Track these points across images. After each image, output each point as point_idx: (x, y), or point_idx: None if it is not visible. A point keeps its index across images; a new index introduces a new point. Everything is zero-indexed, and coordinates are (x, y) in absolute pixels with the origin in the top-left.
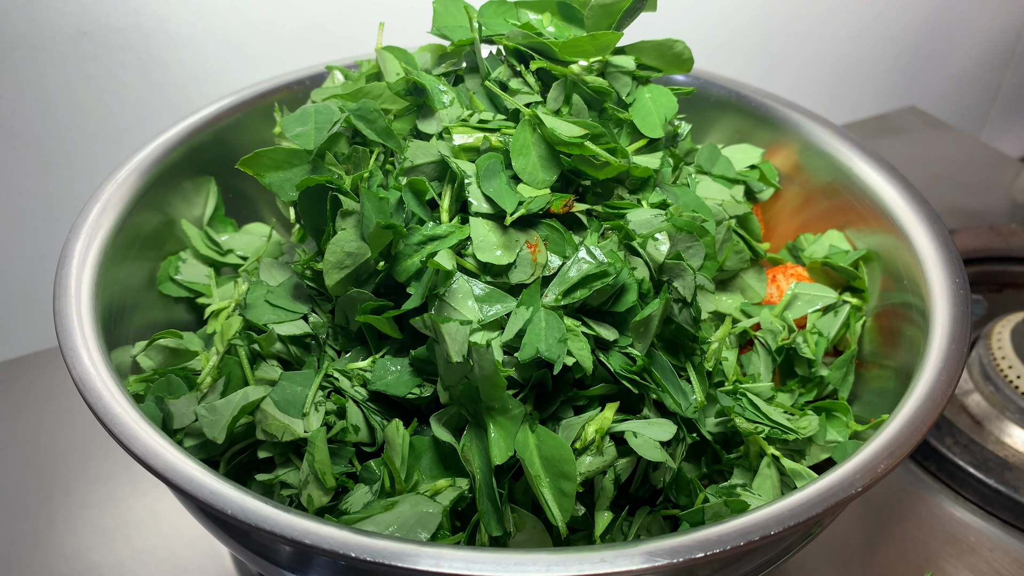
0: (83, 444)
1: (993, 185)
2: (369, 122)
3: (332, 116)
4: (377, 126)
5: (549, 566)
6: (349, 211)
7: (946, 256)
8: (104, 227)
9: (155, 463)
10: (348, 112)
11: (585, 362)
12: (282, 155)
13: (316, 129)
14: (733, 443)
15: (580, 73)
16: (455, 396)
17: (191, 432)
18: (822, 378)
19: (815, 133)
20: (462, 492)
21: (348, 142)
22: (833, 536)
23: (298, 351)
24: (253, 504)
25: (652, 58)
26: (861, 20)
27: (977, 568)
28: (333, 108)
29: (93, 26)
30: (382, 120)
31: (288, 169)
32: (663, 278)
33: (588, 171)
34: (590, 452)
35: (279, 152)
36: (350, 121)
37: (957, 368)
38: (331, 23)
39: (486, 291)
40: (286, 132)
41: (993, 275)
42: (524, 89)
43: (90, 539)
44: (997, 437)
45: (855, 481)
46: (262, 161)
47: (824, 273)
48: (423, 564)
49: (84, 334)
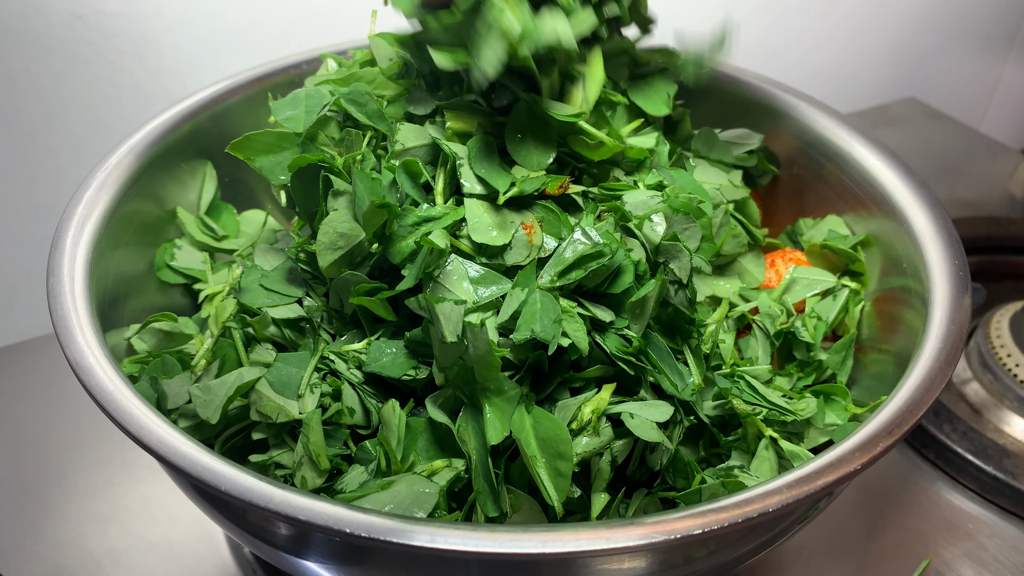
0: (78, 431)
1: (992, 176)
2: (360, 105)
3: (322, 100)
4: (368, 109)
5: (545, 542)
6: (340, 191)
7: (946, 239)
8: (99, 208)
9: (149, 440)
10: (338, 96)
11: (581, 343)
12: (272, 138)
13: (306, 112)
14: (731, 426)
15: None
16: (450, 377)
17: (185, 413)
18: (820, 362)
19: (814, 118)
20: (458, 473)
21: (339, 126)
22: (831, 523)
23: (292, 334)
24: (248, 480)
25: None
26: (860, 11)
27: (975, 555)
28: (324, 92)
29: (88, 10)
30: (373, 103)
31: (278, 152)
32: (659, 259)
33: (583, 152)
34: (586, 433)
35: (269, 135)
36: (340, 104)
37: (956, 348)
38: (326, 9)
39: (481, 272)
40: (276, 116)
41: (992, 265)
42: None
43: (85, 526)
44: (995, 425)
45: (854, 459)
46: (252, 145)
47: (823, 257)
48: (418, 540)
49: (78, 314)
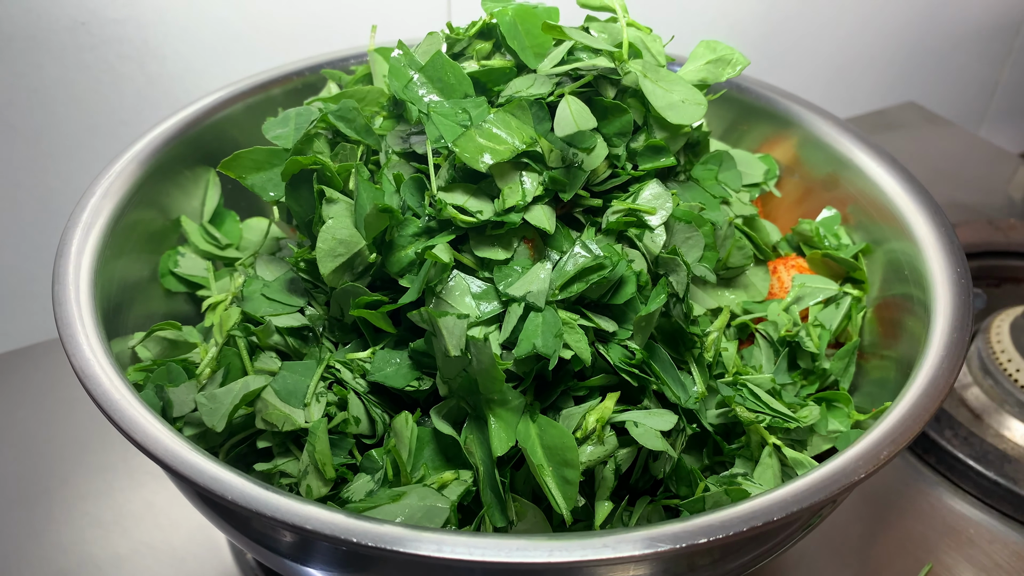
0: (81, 436)
1: (992, 180)
2: (348, 121)
3: (311, 117)
4: (356, 124)
5: (551, 551)
6: (333, 199)
7: (947, 246)
8: (103, 216)
9: (155, 449)
10: (326, 111)
11: (583, 353)
12: (262, 155)
13: (296, 130)
14: (734, 434)
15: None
16: (454, 389)
17: (190, 421)
18: (824, 370)
19: (815, 125)
20: (468, 486)
21: (329, 143)
22: (833, 529)
23: (296, 343)
24: (253, 489)
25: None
26: (859, 15)
27: (976, 560)
28: (313, 109)
29: (90, 16)
30: (361, 118)
31: (269, 169)
32: (660, 271)
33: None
34: (591, 441)
35: (259, 152)
36: (328, 120)
37: (959, 356)
38: (328, 14)
39: (483, 288)
40: (267, 134)
41: (992, 270)
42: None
43: (87, 531)
44: (996, 430)
45: (858, 467)
46: (242, 162)
47: (824, 265)
48: (425, 549)
49: (83, 321)
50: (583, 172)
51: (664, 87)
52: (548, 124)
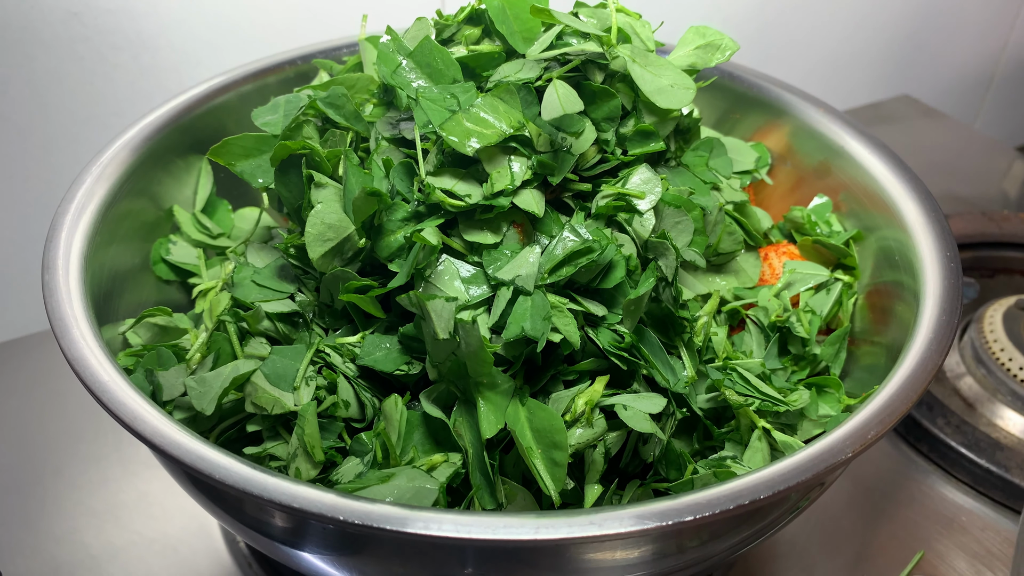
0: (73, 426)
1: (986, 173)
2: (337, 108)
3: (300, 103)
4: (345, 111)
5: (538, 528)
6: (322, 184)
7: (937, 231)
8: (93, 203)
9: (144, 430)
10: (315, 98)
11: (572, 337)
12: (251, 142)
13: (285, 116)
14: (724, 419)
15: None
16: (443, 373)
17: (180, 405)
18: (815, 356)
19: (807, 113)
20: (457, 468)
21: (318, 130)
22: (825, 517)
23: (286, 328)
24: (243, 470)
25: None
26: (854, 8)
27: (969, 548)
28: (302, 96)
29: (83, 7)
30: (350, 105)
31: (258, 156)
32: (649, 255)
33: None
34: (580, 424)
35: (247, 139)
36: (317, 107)
37: (947, 338)
38: (322, 5)
39: (472, 272)
40: (256, 121)
41: (985, 260)
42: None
43: (81, 521)
44: (989, 419)
45: (845, 447)
46: (232, 149)
47: (815, 251)
48: (413, 527)
49: (73, 307)
50: (571, 156)
51: (653, 72)
52: (536, 108)
